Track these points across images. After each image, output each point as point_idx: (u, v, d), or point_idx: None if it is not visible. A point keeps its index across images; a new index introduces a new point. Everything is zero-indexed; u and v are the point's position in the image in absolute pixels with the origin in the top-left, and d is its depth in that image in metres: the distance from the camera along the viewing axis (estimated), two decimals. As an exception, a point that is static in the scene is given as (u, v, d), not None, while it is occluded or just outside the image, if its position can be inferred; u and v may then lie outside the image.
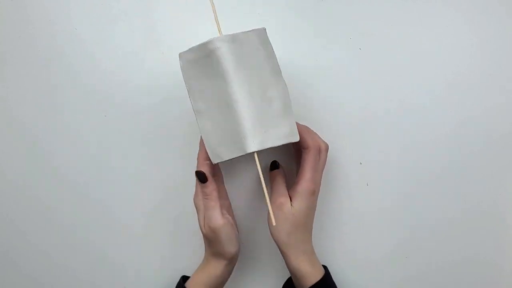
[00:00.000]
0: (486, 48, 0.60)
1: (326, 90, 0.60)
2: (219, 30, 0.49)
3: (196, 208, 0.54)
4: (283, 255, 0.54)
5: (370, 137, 0.60)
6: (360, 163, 0.60)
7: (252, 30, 0.50)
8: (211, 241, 0.53)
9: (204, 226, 0.53)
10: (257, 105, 0.49)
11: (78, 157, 0.62)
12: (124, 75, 0.61)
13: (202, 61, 0.49)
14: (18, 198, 0.63)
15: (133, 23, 0.61)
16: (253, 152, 0.48)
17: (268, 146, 0.49)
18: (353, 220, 0.61)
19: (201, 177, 0.53)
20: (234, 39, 0.48)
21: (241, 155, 0.49)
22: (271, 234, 0.53)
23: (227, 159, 0.50)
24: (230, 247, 0.53)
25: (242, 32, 0.49)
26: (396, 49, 0.60)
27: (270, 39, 0.50)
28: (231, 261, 0.55)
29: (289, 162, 0.60)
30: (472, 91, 0.60)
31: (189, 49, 0.50)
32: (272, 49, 0.51)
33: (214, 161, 0.51)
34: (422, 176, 0.60)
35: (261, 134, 0.48)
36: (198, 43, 0.49)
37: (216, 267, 0.54)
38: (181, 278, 0.57)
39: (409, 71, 0.60)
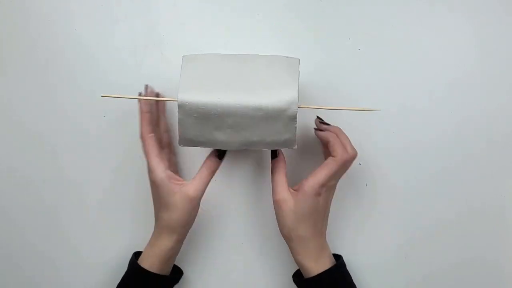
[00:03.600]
0: (486, 48, 0.60)
1: (325, 90, 0.60)
2: None
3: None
4: (289, 248, 0.54)
5: (369, 138, 0.60)
6: (359, 164, 0.60)
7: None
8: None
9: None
10: None
11: (77, 157, 0.62)
12: (124, 76, 0.61)
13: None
14: (17, 197, 0.63)
15: (133, 24, 0.61)
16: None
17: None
18: (352, 221, 0.61)
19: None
20: None
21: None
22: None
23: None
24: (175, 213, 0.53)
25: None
26: (395, 50, 0.60)
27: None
28: (181, 233, 0.55)
29: (289, 155, 0.59)
30: (472, 91, 0.60)
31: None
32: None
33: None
34: (421, 176, 0.60)
35: None
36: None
37: (167, 239, 0.54)
38: (133, 254, 0.57)
39: (409, 72, 0.60)
